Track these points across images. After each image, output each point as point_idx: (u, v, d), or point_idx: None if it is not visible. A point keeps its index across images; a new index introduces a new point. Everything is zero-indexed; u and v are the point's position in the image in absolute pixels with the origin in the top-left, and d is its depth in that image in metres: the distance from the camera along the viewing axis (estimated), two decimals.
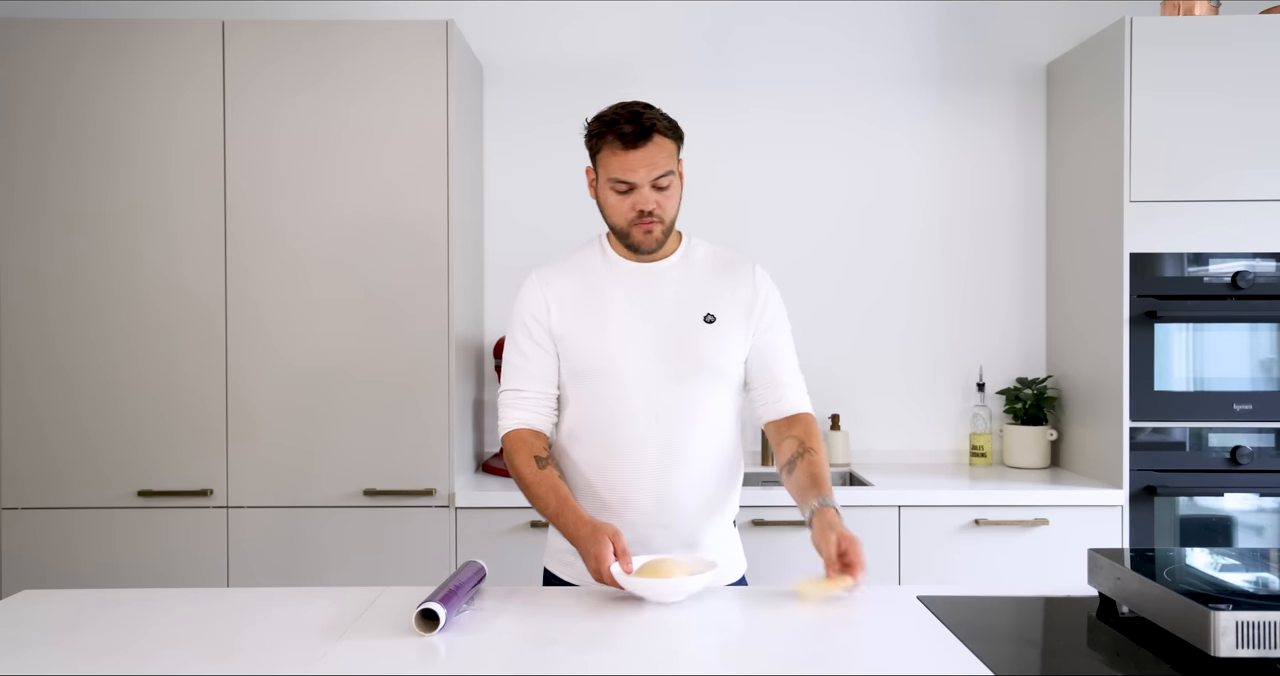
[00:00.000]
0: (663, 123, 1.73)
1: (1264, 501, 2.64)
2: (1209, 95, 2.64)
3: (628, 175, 1.71)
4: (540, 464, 1.77)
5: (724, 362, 1.81)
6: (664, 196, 1.74)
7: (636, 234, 1.76)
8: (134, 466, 2.61)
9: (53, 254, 2.61)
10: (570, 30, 3.15)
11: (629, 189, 1.73)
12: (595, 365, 1.78)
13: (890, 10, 3.16)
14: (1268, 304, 2.64)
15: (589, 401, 1.80)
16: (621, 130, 1.70)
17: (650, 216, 1.74)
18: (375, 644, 1.39)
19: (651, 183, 1.72)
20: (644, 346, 1.78)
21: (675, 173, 1.76)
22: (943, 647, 1.37)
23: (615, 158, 1.72)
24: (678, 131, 1.77)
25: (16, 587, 2.54)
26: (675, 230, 1.87)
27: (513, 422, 1.82)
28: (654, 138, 1.71)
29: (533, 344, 1.82)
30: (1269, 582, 1.44)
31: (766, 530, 2.60)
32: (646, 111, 1.73)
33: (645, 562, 1.61)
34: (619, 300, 1.80)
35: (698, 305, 1.81)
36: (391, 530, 2.61)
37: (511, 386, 1.84)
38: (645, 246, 1.78)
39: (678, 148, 1.77)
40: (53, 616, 1.53)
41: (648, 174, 1.71)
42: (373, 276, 2.62)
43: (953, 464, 3.13)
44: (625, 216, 1.75)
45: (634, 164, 1.71)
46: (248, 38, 2.61)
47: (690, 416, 1.78)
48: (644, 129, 1.70)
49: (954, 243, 3.17)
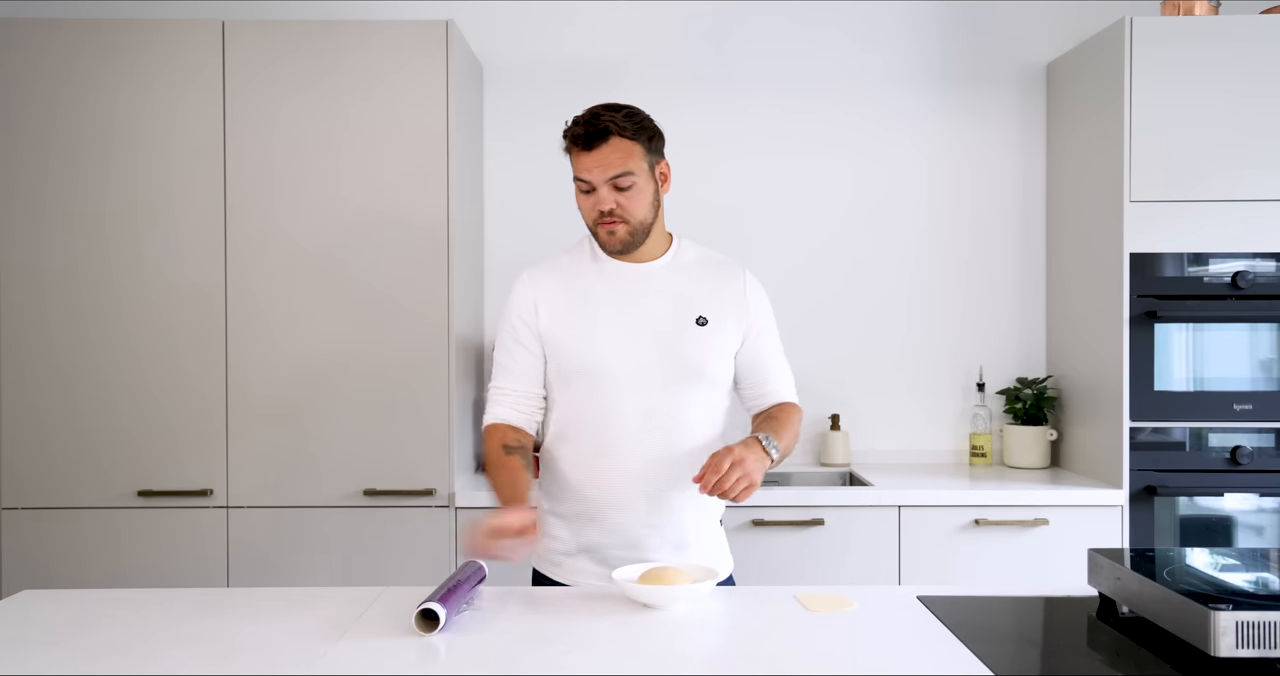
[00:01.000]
0: (621, 124, 1.74)
1: (1264, 501, 2.64)
2: (1209, 95, 2.64)
3: (584, 174, 1.76)
4: (508, 451, 1.80)
5: (714, 365, 1.83)
6: (625, 197, 1.76)
7: (601, 233, 1.80)
8: (134, 466, 2.61)
9: (53, 254, 2.61)
10: (570, 30, 3.15)
11: (590, 189, 1.77)
12: (583, 365, 1.80)
13: (891, 10, 3.16)
14: (1268, 304, 2.64)
15: (578, 402, 1.82)
16: (574, 131, 1.75)
17: (610, 217, 1.76)
18: (375, 644, 1.39)
19: (610, 183, 1.75)
20: (635, 347, 1.79)
21: (638, 173, 1.76)
22: (943, 647, 1.37)
23: (576, 158, 1.77)
24: (646, 133, 1.77)
25: (17, 587, 2.54)
26: (667, 232, 1.89)
27: (493, 418, 1.87)
28: (609, 139, 1.73)
29: (518, 345, 1.86)
30: (1269, 582, 1.44)
31: (766, 530, 2.60)
32: (607, 113, 1.75)
33: (648, 569, 1.61)
34: (608, 301, 1.82)
35: (690, 307, 1.83)
36: (391, 530, 2.61)
37: (497, 384, 1.89)
38: (610, 246, 1.80)
39: (645, 149, 1.77)
40: (53, 616, 1.53)
41: (602, 174, 1.74)
42: (373, 276, 2.62)
43: (953, 464, 3.13)
44: (590, 216, 1.80)
45: (589, 164, 1.75)
46: (248, 38, 2.61)
47: (679, 417, 1.80)
48: (597, 130, 1.73)
49: (954, 242, 3.17)
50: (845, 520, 2.62)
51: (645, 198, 1.78)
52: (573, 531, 1.84)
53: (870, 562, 2.62)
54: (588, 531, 1.82)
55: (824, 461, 3.07)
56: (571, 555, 1.84)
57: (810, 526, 2.61)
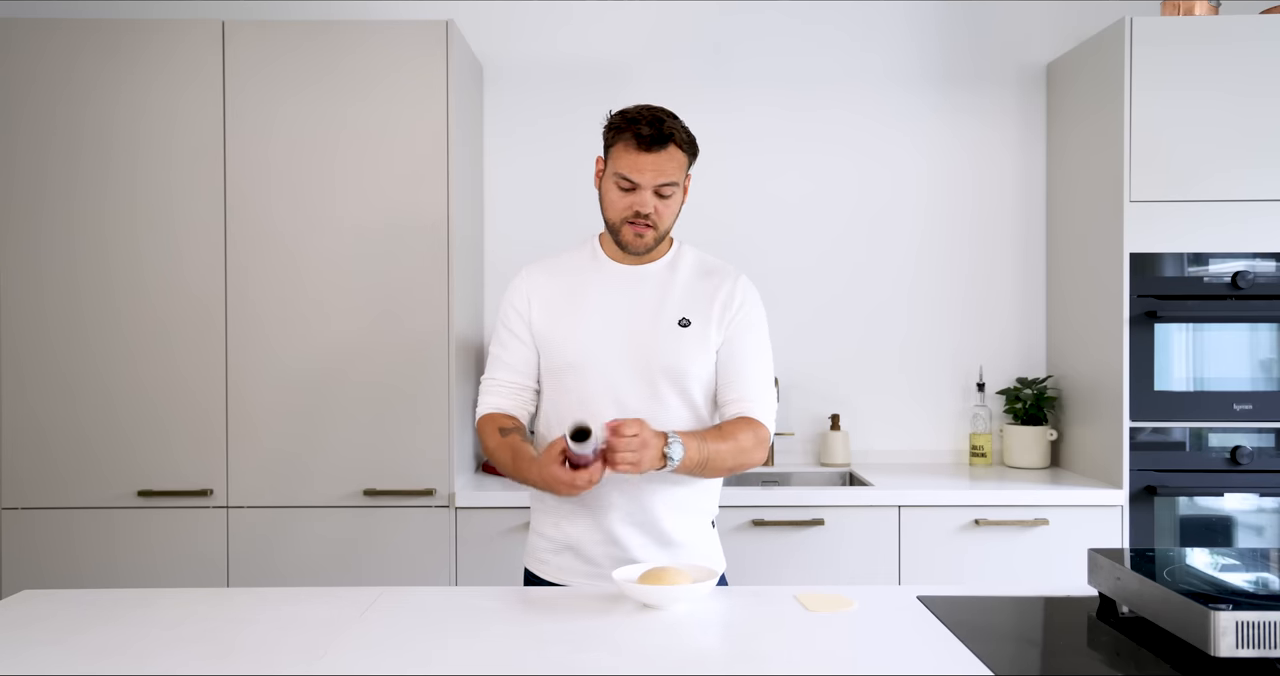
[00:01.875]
0: (681, 135, 1.78)
1: (1264, 501, 2.64)
2: (1209, 95, 2.64)
3: (634, 175, 1.76)
4: (504, 433, 1.82)
5: (694, 366, 1.82)
6: (663, 204, 1.78)
7: (627, 233, 1.80)
8: (134, 466, 2.61)
9: (52, 254, 2.61)
10: (570, 29, 3.15)
11: (632, 188, 1.77)
12: (567, 360, 1.83)
13: (891, 9, 3.16)
14: (1268, 304, 2.64)
15: (562, 397, 1.85)
16: (640, 130, 1.75)
17: (645, 220, 1.78)
18: (375, 644, 1.39)
19: (655, 188, 1.76)
20: (614, 346, 1.81)
21: (680, 185, 1.80)
22: (943, 647, 1.37)
23: (627, 155, 1.76)
24: (693, 147, 1.82)
25: (16, 587, 2.54)
26: (669, 237, 1.90)
27: (485, 408, 1.90)
28: (669, 146, 1.76)
29: (511, 336, 1.89)
30: (1269, 582, 1.44)
31: (766, 530, 2.60)
32: (670, 120, 1.78)
33: (648, 570, 1.61)
34: (598, 300, 1.84)
35: (673, 309, 1.84)
36: (391, 530, 2.61)
37: (490, 375, 1.92)
38: (633, 248, 1.82)
39: (689, 162, 1.82)
40: (53, 616, 1.53)
41: (654, 178, 1.76)
42: (373, 276, 2.62)
43: (953, 464, 3.13)
44: (621, 214, 1.79)
45: (643, 165, 1.75)
46: (248, 38, 2.61)
47: (657, 417, 1.79)
48: (662, 135, 1.75)
49: (954, 242, 3.17)
50: (845, 520, 2.62)
51: (676, 207, 1.82)
52: (557, 528, 1.86)
53: (870, 562, 2.62)
54: (569, 527, 1.84)
55: (824, 461, 3.07)
56: (557, 552, 1.86)
57: (810, 526, 2.61)
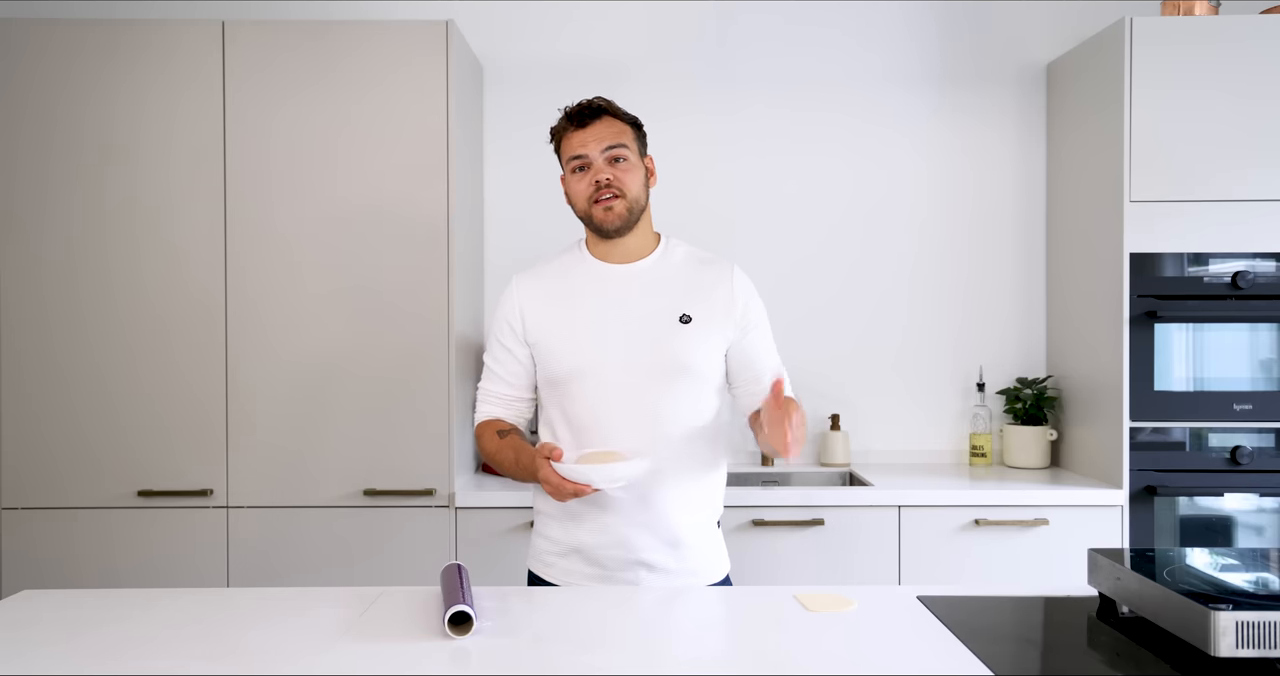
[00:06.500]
0: (615, 108, 1.85)
1: (1264, 501, 2.64)
2: (1209, 95, 2.64)
3: (579, 150, 1.81)
4: (502, 435, 1.85)
5: (700, 363, 1.82)
6: (620, 170, 1.81)
7: (598, 212, 1.81)
8: (134, 466, 2.61)
9: (52, 254, 2.61)
10: (570, 30, 3.15)
11: (585, 165, 1.81)
12: (569, 366, 1.81)
13: (890, 10, 3.16)
14: (1268, 304, 2.64)
15: (564, 403, 1.83)
16: (570, 112, 1.84)
17: (609, 190, 1.80)
18: (375, 644, 1.39)
19: (604, 155, 1.80)
20: (617, 348, 1.80)
21: (631, 150, 1.83)
22: (943, 647, 1.37)
23: (568, 140, 1.83)
24: (634, 120, 1.87)
25: (16, 587, 2.54)
26: (655, 232, 1.90)
27: (482, 415, 1.93)
28: (603, 117, 1.83)
29: (503, 349, 1.91)
30: (1269, 582, 1.44)
31: (766, 530, 2.60)
32: (597, 98, 1.86)
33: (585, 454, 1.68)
34: (593, 303, 1.84)
35: (673, 306, 1.83)
36: (391, 530, 2.61)
37: (484, 387, 1.94)
38: (608, 224, 1.82)
39: (636, 135, 1.86)
40: (53, 616, 1.53)
41: (597, 145, 1.80)
42: (373, 276, 2.62)
43: (953, 464, 3.13)
44: (584, 194, 1.82)
45: (584, 139, 1.81)
46: (248, 38, 2.61)
47: (667, 417, 1.79)
48: (592, 107, 1.83)
49: (954, 242, 3.17)
50: (845, 520, 2.62)
51: (639, 176, 1.84)
52: (564, 531, 1.84)
53: (870, 562, 2.62)
54: (577, 531, 1.83)
55: (824, 461, 3.07)
56: (563, 555, 1.85)
57: (810, 526, 2.61)
